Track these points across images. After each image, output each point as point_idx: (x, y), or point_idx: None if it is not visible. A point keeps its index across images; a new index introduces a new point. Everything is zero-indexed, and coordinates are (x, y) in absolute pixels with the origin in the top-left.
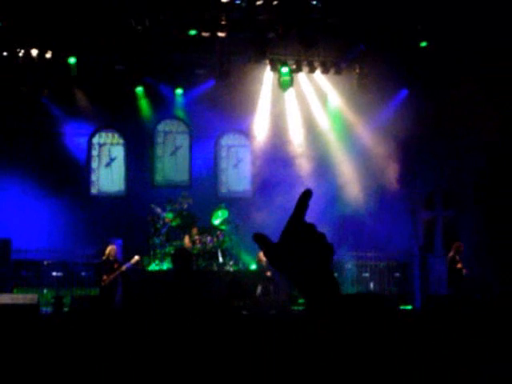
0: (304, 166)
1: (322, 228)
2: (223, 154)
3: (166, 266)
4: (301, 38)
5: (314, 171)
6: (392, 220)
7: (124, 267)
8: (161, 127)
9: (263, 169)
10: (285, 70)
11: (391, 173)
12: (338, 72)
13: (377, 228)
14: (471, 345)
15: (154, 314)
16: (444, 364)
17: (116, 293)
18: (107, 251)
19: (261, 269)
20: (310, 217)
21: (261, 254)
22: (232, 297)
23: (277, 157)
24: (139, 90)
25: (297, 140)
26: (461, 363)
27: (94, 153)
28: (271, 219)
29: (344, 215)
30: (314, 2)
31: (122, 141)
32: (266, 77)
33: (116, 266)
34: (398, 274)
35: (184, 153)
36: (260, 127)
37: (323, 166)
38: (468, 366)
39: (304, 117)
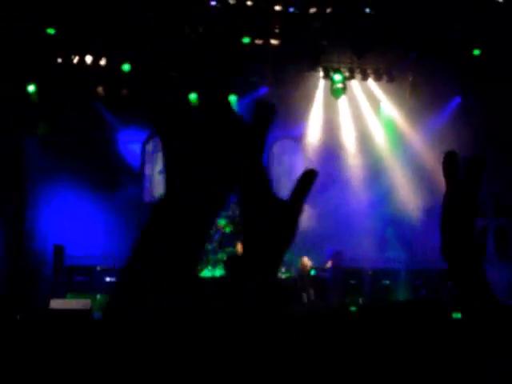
0: (356, 172)
1: (374, 236)
2: (275, 161)
3: (218, 272)
4: (353, 46)
5: (366, 178)
6: None
7: None
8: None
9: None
10: (337, 77)
11: (443, 181)
12: (390, 79)
13: (429, 235)
14: None
15: (207, 321)
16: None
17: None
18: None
19: (304, 275)
20: (362, 223)
21: (304, 260)
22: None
23: (328, 164)
24: (193, 96)
25: (349, 147)
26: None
27: (148, 159)
28: (321, 226)
29: (395, 222)
30: (367, 10)
31: None
32: (319, 84)
33: None
34: (449, 282)
35: None
36: (312, 134)
37: (375, 172)
38: None
39: (356, 124)
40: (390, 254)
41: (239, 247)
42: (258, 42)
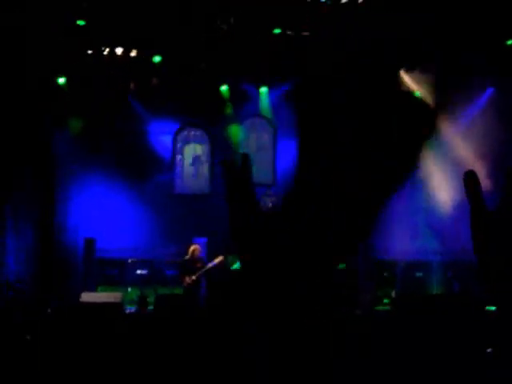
0: None
1: (406, 226)
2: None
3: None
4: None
5: None
6: None
7: (208, 267)
8: (245, 125)
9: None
10: None
11: (478, 172)
12: (423, 70)
13: (460, 227)
14: None
15: (238, 314)
16: None
17: (200, 292)
18: (190, 250)
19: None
20: (393, 213)
21: None
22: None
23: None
24: (223, 88)
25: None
26: None
27: (179, 151)
28: None
29: (427, 212)
30: None
31: (207, 139)
32: None
33: (199, 265)
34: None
35: (268, 151)
36: None
37: None
38: None
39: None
40: (423, 244)
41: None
42: (289, 32)
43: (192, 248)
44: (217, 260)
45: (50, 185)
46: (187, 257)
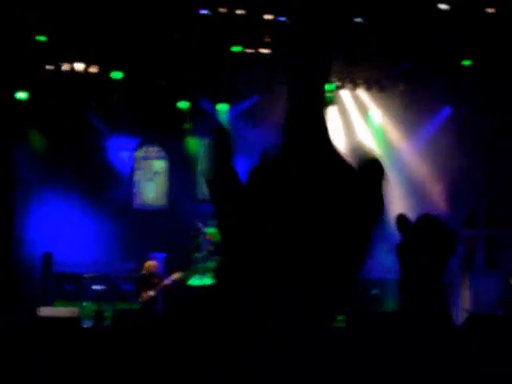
0: None
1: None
2: None
3: (206, 281)
4: (344, 55)
5: None
6: None
7: (165, 282)
8: (204, 142)
9: None
10: (328, 86)
11: (435, 192)
12: (381, 89)
13: None
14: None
15: (195, 329)
16: None
17: (156, 307)
18: (146, 266)
19: None
20: None
21: None
22: None
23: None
24: (182, 104)
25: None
26: None
27: (138, 166)
28: None
29: (383, 231)
30: (359, 20)
31: (165, 155)
32: None
33: (156, 280)
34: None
35: None
36: None
37: None
38: None
39: (346, 133)
40: (379, 262)
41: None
42: (249, 50)
43: (147, 264)
44: (174, 276)
45: (7, 198)
46: (143, 272)
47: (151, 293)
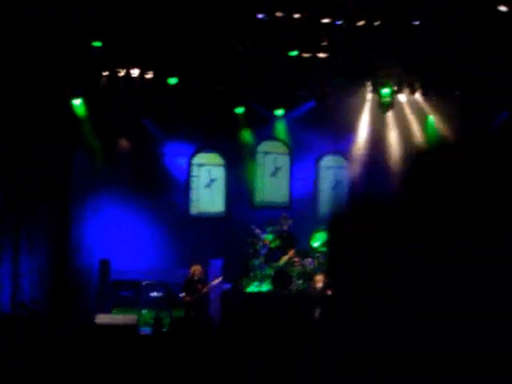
0: None
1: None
2: (322, 175)
3: (265, 287)
4: (402, 60)
5: None
6: None
7: (208, 287)
8: (261, 148)
9: (360, 190)
10: (385, 91)
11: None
12: (438, 94)
13: None
14: None
15: (253, 337)
16: None
17: (203, 312)
18: (191, 271)
19: (317, 291)
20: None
21: (317, 277)
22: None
23: (373, 178)
24: (239, 110)
25: (395, 162)
26: None
27: (194, 173)
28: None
29: None
30: (417, 23)
31: (222, 161)
32: (367, 98)
33: (200, 286)
34: None
35: (284, 174)
36: (359, 149)
37: None
38: None
39: (403, 139)
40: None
41: (281, 261)
42: (306, 55)
43: (193, 268)
44: (216, 281)
45: (65, 206)
46: (189, 275)
47: (192, 297)
